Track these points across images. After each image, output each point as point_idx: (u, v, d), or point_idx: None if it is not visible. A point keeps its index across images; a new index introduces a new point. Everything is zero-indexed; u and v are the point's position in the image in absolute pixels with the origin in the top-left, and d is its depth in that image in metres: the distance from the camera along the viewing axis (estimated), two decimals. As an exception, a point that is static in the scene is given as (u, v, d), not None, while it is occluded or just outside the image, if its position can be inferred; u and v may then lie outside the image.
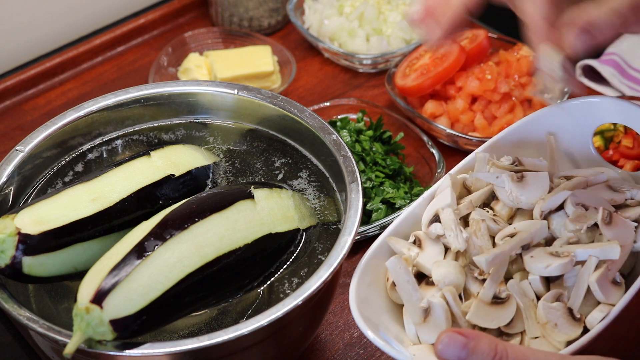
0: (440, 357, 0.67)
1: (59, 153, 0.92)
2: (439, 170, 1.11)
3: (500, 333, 0.77)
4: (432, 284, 0.79)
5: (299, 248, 0.85)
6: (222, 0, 1.39)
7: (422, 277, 0.81)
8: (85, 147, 0.93)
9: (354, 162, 0.87)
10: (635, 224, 0.80)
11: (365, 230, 1.05)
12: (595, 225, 0.79)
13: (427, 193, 0.85)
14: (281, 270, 0.84)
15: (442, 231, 0.80)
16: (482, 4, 0.84)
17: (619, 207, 0.82)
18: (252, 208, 0.82)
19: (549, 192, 0.82)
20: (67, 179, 0.90)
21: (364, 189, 1.09)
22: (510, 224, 0.82)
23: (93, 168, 0.92)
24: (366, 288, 0.79)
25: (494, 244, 0.80)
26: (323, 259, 0.83)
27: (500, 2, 0.84)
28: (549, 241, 0.80)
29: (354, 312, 0.75)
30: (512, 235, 0.78)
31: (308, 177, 0.92)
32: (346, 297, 1.02)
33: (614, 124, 1.15)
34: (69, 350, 0.71)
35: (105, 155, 0.93)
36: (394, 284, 0.79)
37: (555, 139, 0.88)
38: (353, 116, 1.21)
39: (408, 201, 1.07)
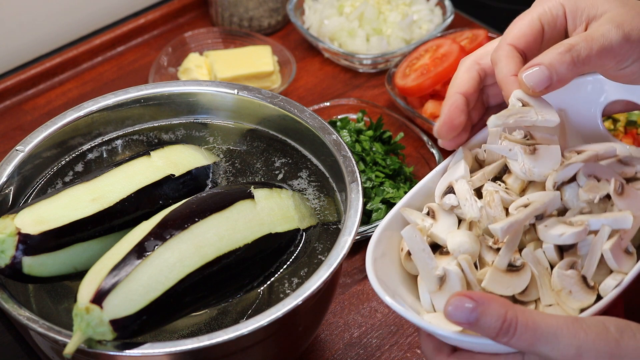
0: (449, 319, 0.68)
1: (59, 153, 0.92)
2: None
3: (514, 301, 0.77)
4: (446, 253, 0.79)
5: (299, 248, 0.85)
6: (222, 0, 1.39)
7: (435, 248, 0.81)
8: (85, 147, 0.93)
9: (354, 162, 0.87)
10: None
11: (365, 230, 1.05)
12: (607, 197, 0.79)
13: (440, 166, 0.85)
14: (281, 270, 0.84)
15: (456, 202, 0.81)
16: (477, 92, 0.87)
17: (629, 180, 0.83)
18: (252, 208, 0.82)
19: (561, 165, 0.82)
20: (67, 179, 0.90)
21: (364, 189, 1.09)
22: (522, 197, 0.82)
23: (93, 168, 0.92)
24: (380, 259, 0.78)
25: (507, 215, 0.80)
26: (323, 259, 0.83)
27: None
28: (562, 212, 0.81)
29: (371, 279, 0.75)
30: (525, 206, 0.79)
31: (308, 177, 0.92)
32: (346, 297, 1.02)
33: (614, 124, 1.15)
34: (69, 350, 0.71)
35: (105, 155, 0.93)
36: (408, 254, 0.79)
37: (566, 115, 0.88)
38: (353, 116, 1.21)
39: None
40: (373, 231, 1.05)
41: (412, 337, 0.98)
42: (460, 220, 0.82)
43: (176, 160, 0.88)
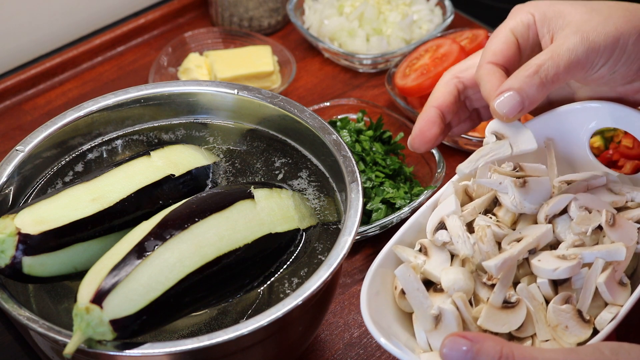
0: None
1: (59, 153, 0.92)
2: (439, 170, 1.11)
3: (511, 338, 0.77)
4: (440, 290, 0.79)
5: (299, 248, 0.85)
6: (222, 0, 1.39)
7: (429, 285, 0.81)
8: (85, 147, 0.93)
9: (354, 162, 0.87)
10: (638, 225, 0.80)
11: (365, 230, 1.05)
12: (599, 227, 0.79)
13: (430, 201, 0.86)
14: (281, 270, 0.84)
15: (448, 238, 0.81)
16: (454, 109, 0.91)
17: (620, 209, 0.83)
18: (252, 208, 0.82)
19: (551, 196, 0.82)
20: (67, 179, 0.90)
21: (364, 189, 1.09)
22: (514, 230, 0.82)
23: (93, 168, 0.92)
24: (375, 297, 0.79)
25: (499, 249, 0.80)
26: (323, 259, 0.83)
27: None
28: (554, 245, 0.81)
29: (366, 320, 0.76)
30: (518, 240, 0.79)
31: (308, 177, 0.92)
32: (346, 297, 1.02)
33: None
34: (69, 350, 0.71)
35: (105, 155, 0.93)
36: (402, 292, 0.79)
37: (554, 144, 0.88)
38: (353, 116, 1.21)
39: (408, 201, 1.07)
40: (373, 231, 1.05)
41: (412, 337, 0.98)
42: (453, 256, 0.82)
43: (176, 160, 0.88)
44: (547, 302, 0.77)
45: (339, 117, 1.21)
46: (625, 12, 0.81)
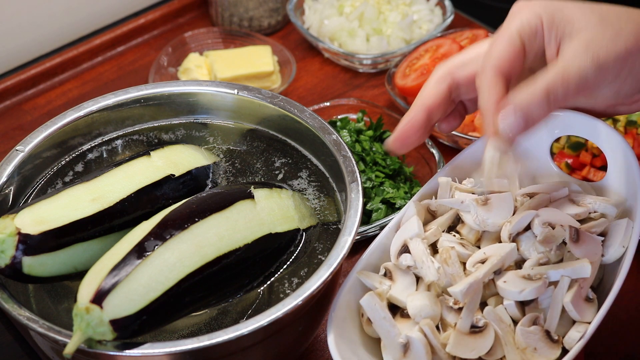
0: None
1: (59, 153, 0.92)
2: (439, 170, 1.11)
3: None
4: (407, 316, 0.79)
5: (299, 248, 0.85)
6: (222, 0, 1.39)
7: (396, 309, 0.81)
8: (85, 147, 0.93)
9: (354, 162, 0.87)
10: (602, 238, 0.80)
11: (365, 230, 1.05)
12: (564, 242, 0.79)
13: (393, 222, 0.86)
14: (281, 270, 0.84)
15: (412, 262, 0.81)
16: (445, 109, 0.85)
17: (582, 221, 0.82)
18: (252, 208, 0.82)
19: (514, 212, 0.82)
20: (67, 179, 0.90)
21: (364, 189, 1.09)
22: (478, 247, 0.82)
23: (93, 168, 0.92)
24: (342, 324, 0.79)
25: (464, 271, 0.80)
26: (323, 259, 0.83)
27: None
28: (519, 262, 0.81)
29: (333, 353, 0.76)
30: (483, 261, 0.79)
31: (308, 177, 0.92)
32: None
33: (614, 124, 1.15)
34: (69, 350, 0.71)
35: (105, 155, 0.93)
36: (369, 320, 0.79)
37: (515, 155, 0.87)
38: (353, 116, 1.21)
39: (408, 201, 1.07)
40: (373, 231, 1.05)
41: (412, 337, 0.98)
42: (418, 278, 0.82)
43: (176, 160, 0.88)
44: (515, 323, 0.77)
45: (339, 117, 1.21)
46: (636, 27, 0.77)
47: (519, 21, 0.79)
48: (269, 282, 0.83)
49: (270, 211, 0.84)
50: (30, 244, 0.76)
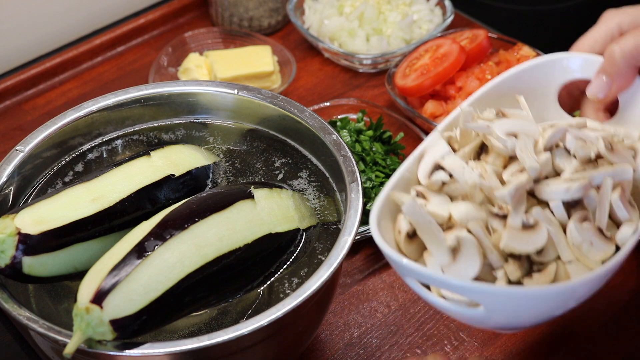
0: None
1: (59, 153, 0.92)
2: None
3: (532, 263, 0.75)
4: (448, 229, 0.76)
5: (299, 248, 0.85)
6: (222, 0, 1.39)
7: None
8: (85, 147, 0.93)
9: (354, 162, 0.87)
10: (631, 152, 0.80)
11: (365, 230, 1.05)
12: (594, 160, 0.78)
13: (414, 154, 0.82)
14: (281, 270, 0.84)
15: (447, 177, 0.77)
16: None
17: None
18: (252, 208, 0.82)
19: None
20: (67, 179, 0.90)
21: (364, 189, 1.09)
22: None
23: (93, 168, 0.92)
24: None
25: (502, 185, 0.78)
26: (323, 259, 0.83)
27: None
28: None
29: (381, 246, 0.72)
30: (520, 171, 0.77)
31: (308, 177, 0.92)
32: (346, 297, 1.02)
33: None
34: (69, 350, 0.71)
35: (105, 155, 0.93)
36: (408, 236, 0.76)
37: (526, 101, 0.87)
38: (353, 116, 1.21)
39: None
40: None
41: (411, 337, 0.98)
42: (452, 199, 0.78)
43: (176, 160, 0.88)
44: (562, 227, 0.75)
45: (339, 117, 1.21)
46: None
47: (617, 19, 0.86)
48: (269, 282, 0.83)
49: (270, 211, 0.84)
50: (31, 244, 0.76)
